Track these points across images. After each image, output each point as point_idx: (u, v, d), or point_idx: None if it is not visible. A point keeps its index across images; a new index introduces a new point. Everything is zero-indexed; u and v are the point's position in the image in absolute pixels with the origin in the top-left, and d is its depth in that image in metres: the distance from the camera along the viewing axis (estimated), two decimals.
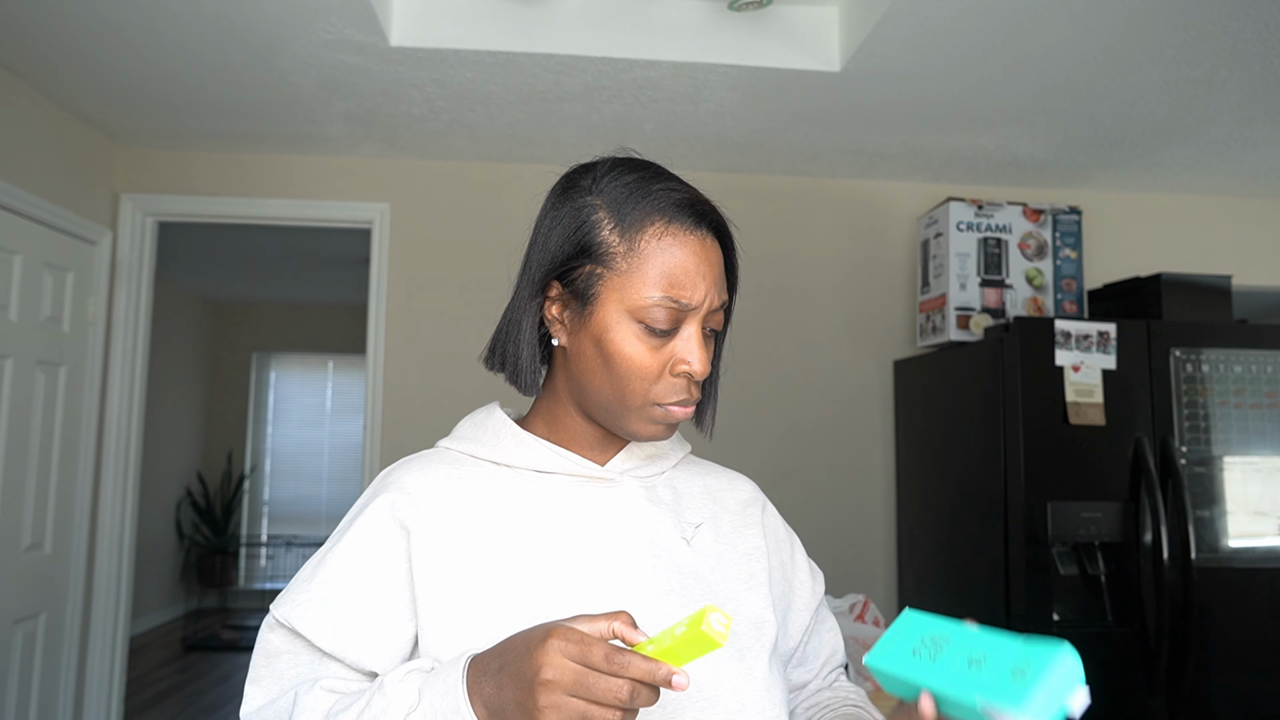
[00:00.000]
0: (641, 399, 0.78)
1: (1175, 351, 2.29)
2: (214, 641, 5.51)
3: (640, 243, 0.76)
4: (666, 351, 0.77)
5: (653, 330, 0.76)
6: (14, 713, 2.51)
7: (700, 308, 0.77)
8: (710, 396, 0.87)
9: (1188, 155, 2.89)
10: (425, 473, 0.82)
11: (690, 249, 0.76)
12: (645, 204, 0.77)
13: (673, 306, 0.76)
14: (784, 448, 3.07)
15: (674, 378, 0.78)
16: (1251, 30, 2.03)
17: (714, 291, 0.78)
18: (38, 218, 2.57)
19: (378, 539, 0.78)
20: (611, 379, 0.78)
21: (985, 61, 2.22)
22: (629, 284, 0.76)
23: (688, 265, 0.76)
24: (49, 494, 2.68)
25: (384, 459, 2.96)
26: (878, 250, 3.20)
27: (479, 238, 3.03)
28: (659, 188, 0.78)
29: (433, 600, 0.75)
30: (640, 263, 0.76)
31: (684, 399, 0.78)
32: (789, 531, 0.95)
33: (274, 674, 0.76)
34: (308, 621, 0.75)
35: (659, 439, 0.81)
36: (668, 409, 0.78)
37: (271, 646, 0.77)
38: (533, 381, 0.82)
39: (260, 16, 2.05)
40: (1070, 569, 2.22)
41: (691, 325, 0.77)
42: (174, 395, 6.08)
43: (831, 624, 0.96)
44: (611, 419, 0.80)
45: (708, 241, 0.78)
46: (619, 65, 2.29)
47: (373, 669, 0.74)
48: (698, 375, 0.77)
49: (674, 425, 0.81)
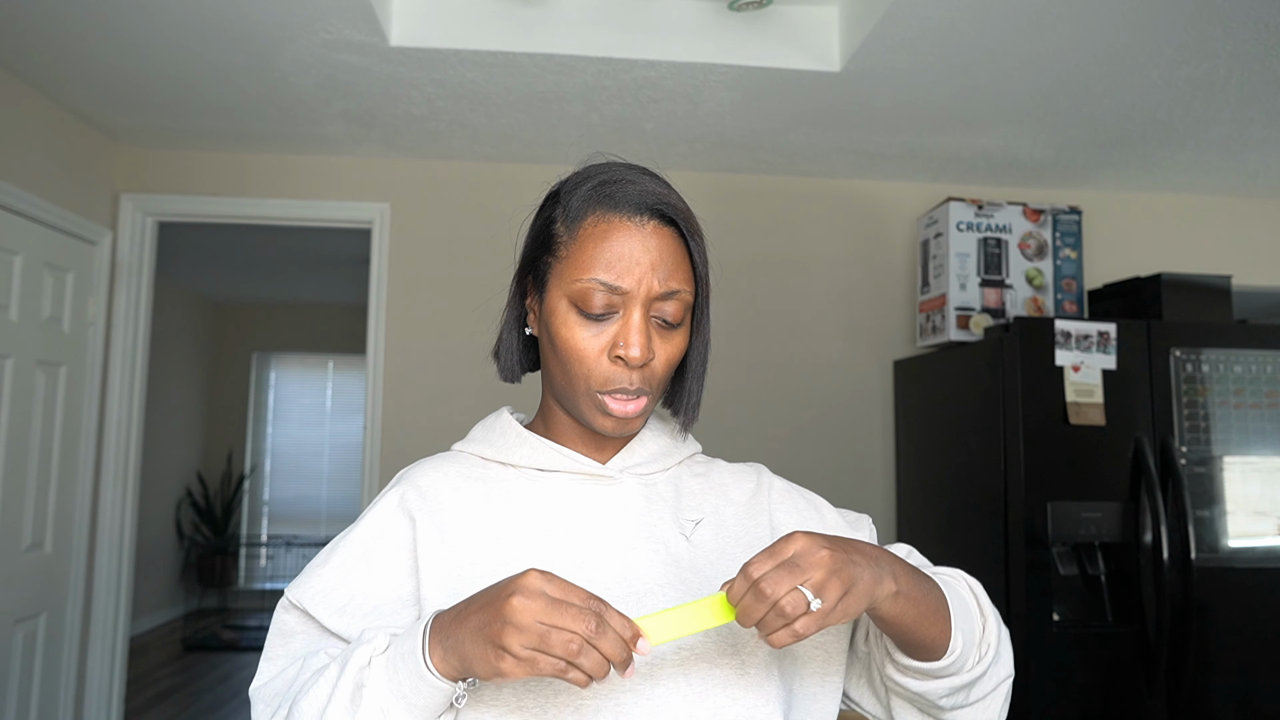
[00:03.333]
0: (584, 385, 0.79)
1: (1175, 351, 2.29)
2: (214, 641, 5.51)
3: (579, 230, 0.79)
4: (605, 337, 0.78)
5: (587, 314, 0.78)
6: (14, 713, 2.51)
7: (636, 292, 0.77)
8: (686, 390, 0.87)
9: (1188, 155, 2.89)
10: (437, 470, 0.86)
11: (624, 234, 0.78)
12: (590, 196, 0.80)
13: (603, 289, 0.77)
14: (784, 448, 3.07)
15: (611, 363, 0.78)
16: (1251, 30, 2.03)
17: (653, 277, 0.78)
18: (38, 218, 2.57)
19: (386, 528, 0.82)
20: (560, 365, 0.81)
21: (985, 61, 2.22)
22: (567, 269, 0.79)
23: (620, 250, 0.77)
24: (49, 494, 2.68)
25: (384, 459, 2.96)
26: (878, 250, 3.20)
27: (479, 238, 3.03)
28: (605, 179, 0.81)
29: (434, 589, 0.78)
30: (577, 249, 0.79)
31: (623, 388, 0.78)
32: (807, 499, 0.92)
33: (287, 652, 0.79)
34: (319, 604, 0.78)
35: (611, 432, 0.81)
36: (605, 398, 0.79)
37: (286, 627, 0.80)
38: (512, 369, 0.89)
39: (260, 16, 2.05)
40: (1070, 569, 2.23)
41: (632, 309, 0.78)
42: (174, 395, 6.08)
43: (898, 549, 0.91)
44: (572, 408, 0.83)
45: (648, 228, 0.79)
46: (619, 65, 2.29)
47: None
48: (632, 361, 0.77)
49: (623, 420, 0.80)
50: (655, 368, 0.80)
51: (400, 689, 0.67)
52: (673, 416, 0.91)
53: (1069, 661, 2.16)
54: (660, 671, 0.74)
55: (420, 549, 0.79)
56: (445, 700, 0.68)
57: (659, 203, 0.80)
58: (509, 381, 0.90)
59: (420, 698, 0.67)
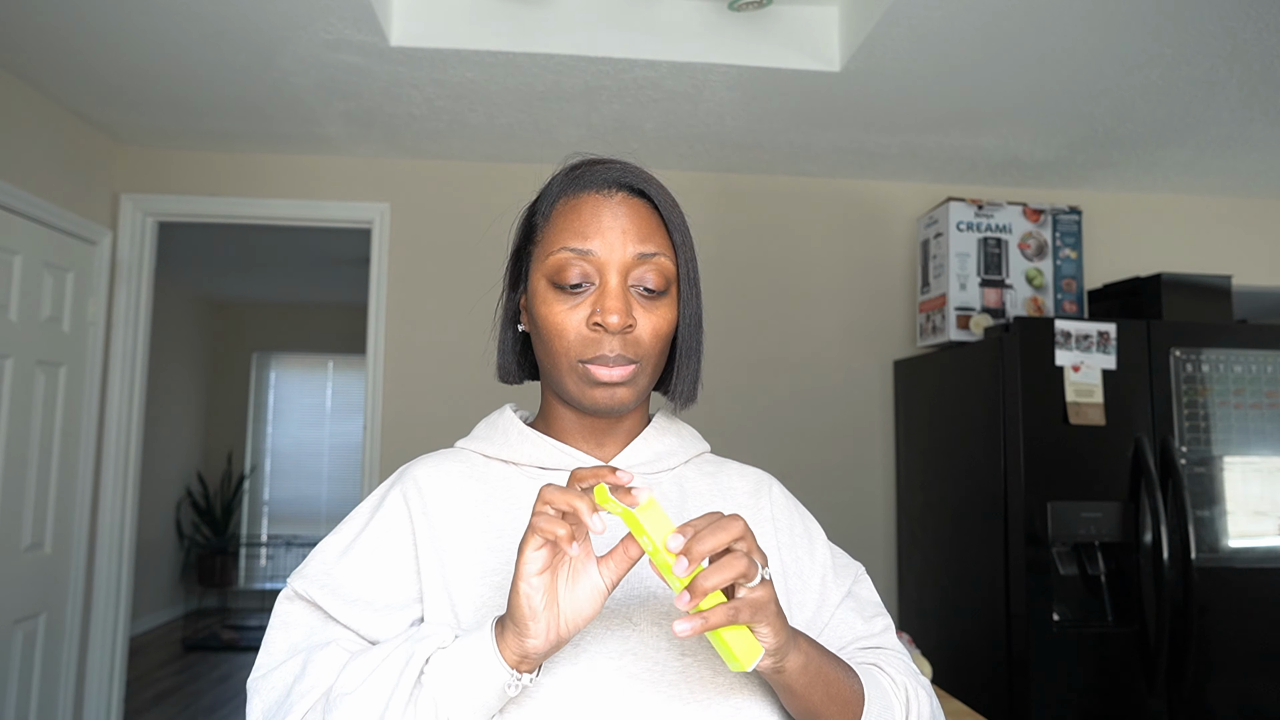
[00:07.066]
0: (567, 359, 0.79)
1: (1175, 351, 2.29)
2: (214, 641, 5.51)
3: (552, 214, 0.83)
4: (583, 308, 0.79)
5: (562, 287, 0.79)
6: (14, 713, 2.51)
7: (610, 259, 0.78)
8: (681, 366, 0.85)
9: (1187, 155, 2.89)
10: (437, 467, 0.86)
11: (590, 205, 0.80)
12: (562, 182, 0.84)
13: (574, 255, 0.79)
14: (784, 448, 3.07)
15: (591, 331, 0.78)
16: (1251, 30, 2.03)
17: (626, 241, 0.79)
18: (38, 218, 2.57)
19: (390, 524, 0.82)
20: (545, 347, 0.81)
21: (985, 61, 2.22)
22: (542, 251, 0.82)
23: (586, 217, 0.80)
24: (49, 494, 2.68)
25: (384, 459, 2.96)
26: (878, 250, 3.20)
27: (479, 238, 3.02)
28: (576, 166, 0.85)
29: (433, 585, 0.77)
30: (550, 230, 0.82)
31: (603, 355, 0.78)
32: (804, 524, 0.91)
33: (289, 645, 0.78)
34: (326, 595, 0.78)
35: (603, 406, 0.80)
36: (590, 366, 0.78)
37: (290, 618, 0.79)
38: (508, 370, 0.90)
39: (260, 16, 2.05)
40: (1070, 569, 2.22)
41: (607, 276, 0.79)
42: (174, 395, 6.07)
43: (859, 609, 0.88)
44: (562, 391, 0.82)
45: (615, 198, 0.81)
46: (619, 65, 2.29)
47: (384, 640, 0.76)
48: (612, 327, 0.77)
49: (612, 388, 0.79)
50: (641, 336, 0.79)
51: (466, 686, 0.67)
52: (666, 398, 0.88)
53: (1069, 661, 2.16)
54: (662, 679, 0.74)
55: (420, 548, 0.79)
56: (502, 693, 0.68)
57: (626, 176, 0.82)
58: (507, 383, 0.91)
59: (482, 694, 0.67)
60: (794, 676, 0.70)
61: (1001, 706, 2.25)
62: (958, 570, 2.55)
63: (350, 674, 0.70)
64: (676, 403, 0.87)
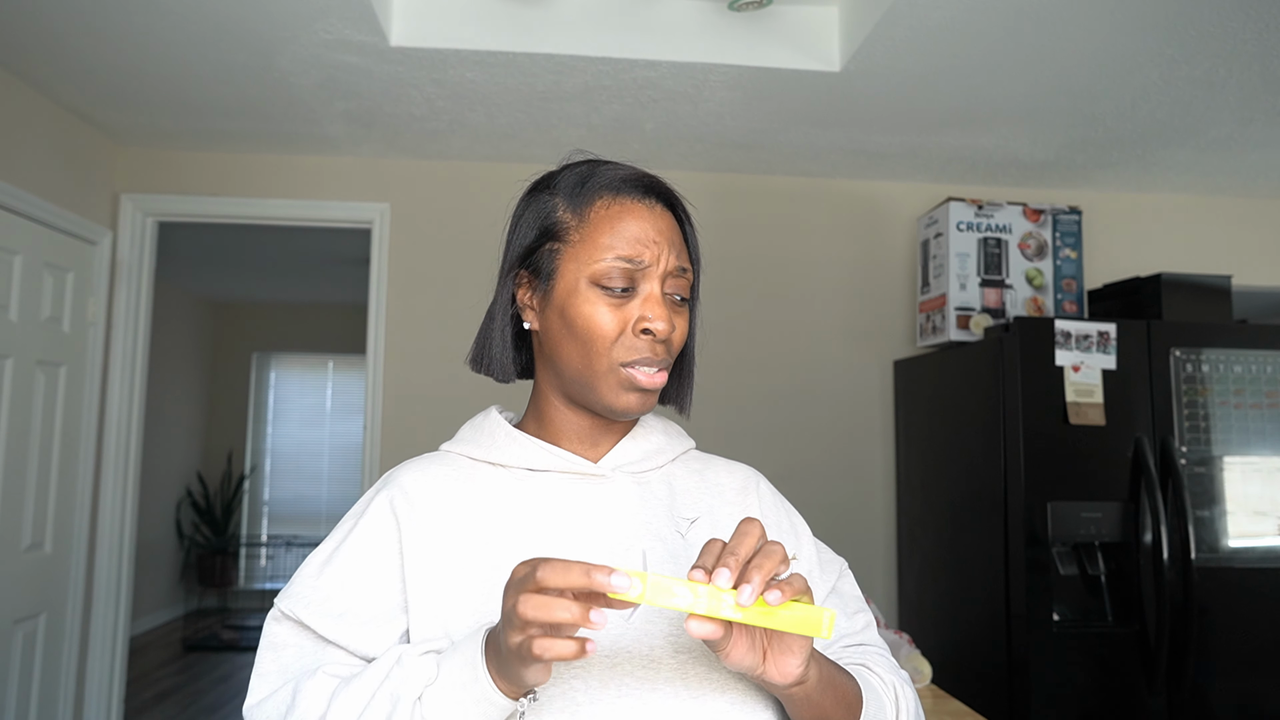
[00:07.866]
0: (607, 362, 0.80)
1: (1175, 351, 2.29)
2: (214, 641, 5.51)
3: (590, 214, 0.81)
4: (627, 311, 0.80)
5: (610, 289, 0.79)
6: (14, 713, 2.51)
7: (655, 266, 0.80)
8: (685, 375, 0.90)
9: (1187, 155, 2.89)
10: (424, 472, 0.84)
11: (636, 213, 0.81)
12: (593, 183, 0.83)
13: (626, 265, 0.79)
14: (784, 448, 3.07)
15: (636, 337, 0.80)
16: (1251, 30, 2.03)
17: (668, 252, 0.81)
18: (38, 218, 2.57)
19: (374, 532, 0.80)
20: (578, 346, 0.80)
21: (985, 61, 2.22)
22: (583, 251, 0.80)
23: (634, 226, 0.80)
24: (49, 494, 2.68)
25: (384, 459, 2.96)
26: (878, 250, 3.20)
27: (479, 238, 3.02)
28: (604, 168, 0.84)
29: (420, 592, 0.77)
30: (592, 231, 0.80)
31: (648, 358, 0.80)
32: (790, 520, 0.92)
33: (279, 667, 0.77)
34: (312, 612, 0.77)
35: (633, 410, 0.81)
36: (631, 371, 0.79)
37: (278, 639, 0.78)
38: (506, 367, 0.88)
39: (260, 16, 2.05)
40: (1070, 569, 2.22)
41: (650, 284, 0.80)
42: (174, 395, 6.08)
43: (842, 606, 0.90)
44: (586, 392, 0.82)
45: (656, 209, 0.82)
46: (619, 65, 2.29)
47: (375, 656, 0.76)
48: (659, 333, 0.79)
49: (647, 393, 0.81)
50: (675, 341, 0.82)
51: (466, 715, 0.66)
52: (670, 407, 0.91)
53: (1069, 661, 2.16)
54: (659, 676, 0.74)
55: (406, 553, 0.78)
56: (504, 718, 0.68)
57: (660, 187, 0.84)
58: (505, 381, 0.90)
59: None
60: (812, 685, 0.70)
61: (1001, 706, 2.25)
62: (957, 570, 2.55)
63: (336, 712, 0.69)
64: (685, 412, 0.90)
